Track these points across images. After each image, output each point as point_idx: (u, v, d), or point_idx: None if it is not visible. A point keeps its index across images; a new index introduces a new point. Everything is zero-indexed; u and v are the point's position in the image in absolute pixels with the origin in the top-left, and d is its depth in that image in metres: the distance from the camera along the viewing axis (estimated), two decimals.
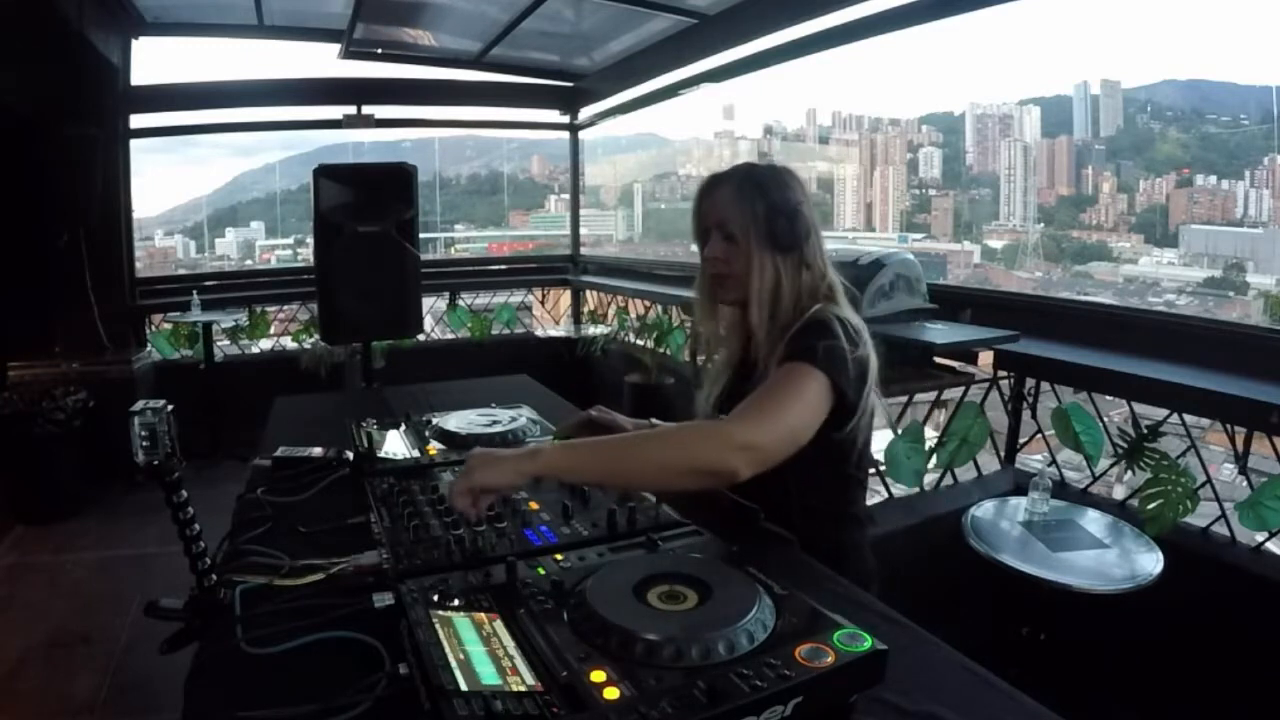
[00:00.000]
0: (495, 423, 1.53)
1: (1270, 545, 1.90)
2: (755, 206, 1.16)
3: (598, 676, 0.66)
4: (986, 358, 2.43)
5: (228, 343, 4.70)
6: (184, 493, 0.93)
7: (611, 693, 0.64)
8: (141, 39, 4.17)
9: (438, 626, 0.74)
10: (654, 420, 1.41)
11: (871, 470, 2.25)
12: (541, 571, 0.87)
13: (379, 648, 0.80)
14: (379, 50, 4.58)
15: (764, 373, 1.13)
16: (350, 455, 1.40)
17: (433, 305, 5.10)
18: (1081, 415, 2.29)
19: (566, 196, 5.84)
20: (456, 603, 0.79)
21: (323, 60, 4.52)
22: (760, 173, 1.20)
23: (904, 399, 2.40)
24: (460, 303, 5.24)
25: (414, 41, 4.56)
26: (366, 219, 2.92)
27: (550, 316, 5.73)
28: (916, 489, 2.35)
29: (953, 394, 2.45)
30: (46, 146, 3.78)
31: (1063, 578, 1.72)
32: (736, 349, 1.29)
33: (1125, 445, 2.14)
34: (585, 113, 5.34)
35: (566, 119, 5.41)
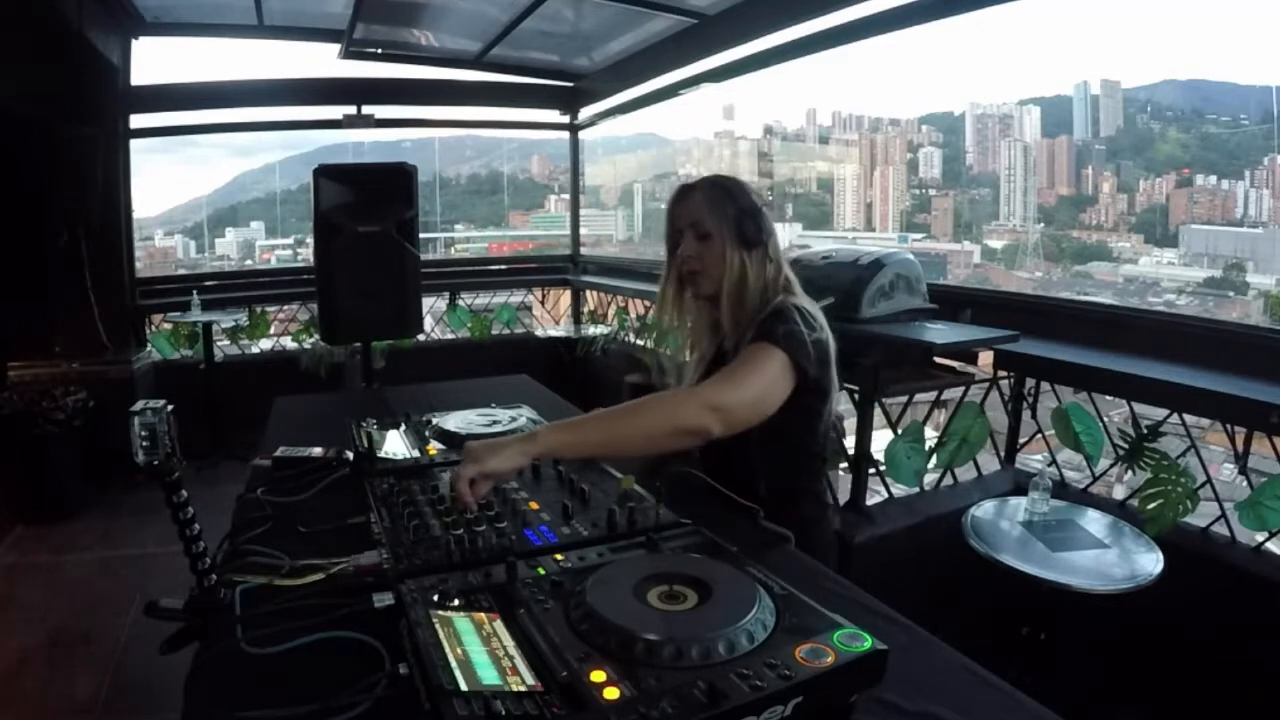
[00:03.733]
0: (495, 423, 1.53)
1: (1270, 545, 1.89)
2: (726, 209, 1.30)
3: (598, 676, 0.66)
4: (986, 358, 2.43)
5: (228, 343, 4.70)
6: (184, 493, 0.93)
7: (611, 693, 0.64)
8: (141, 39, 4.17)
9: (438, 626, 0.74)
10: None
11: (871, 470, 2.27)
12: (541, 571, 0.87)
13: (379, 648, 0.80)
14: (379, 50, 4.58)
15: (733, 355, 1.26)
16: (350, 455, 1.40)
17: (433, 305, 5.10)
18: (1081, 415, 2.29)
19: (566, 196, 5.84)
20: (456, 603, 0.79)
21: (323, 60, 4.53)
22: (727, 181, 1.36)
23: (904, 399, 2.40)
24: (460, 303, 5.24)
25: (414, 41, 4.56)
26: (366, 219, 2.92)
27: (550, 316, 5.73)
28: (916, 489, 2.35)
29: (953, 394, 2.45)
30: (46, 146, 3.78)
31: (1063, 578, 1.71)
32: (710, 343, 1.42)
33: (1125, 445, 2.14)
34: (585, 113, 5.33)
35: (566, 119, 5.41)
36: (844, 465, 2.30)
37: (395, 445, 1.41)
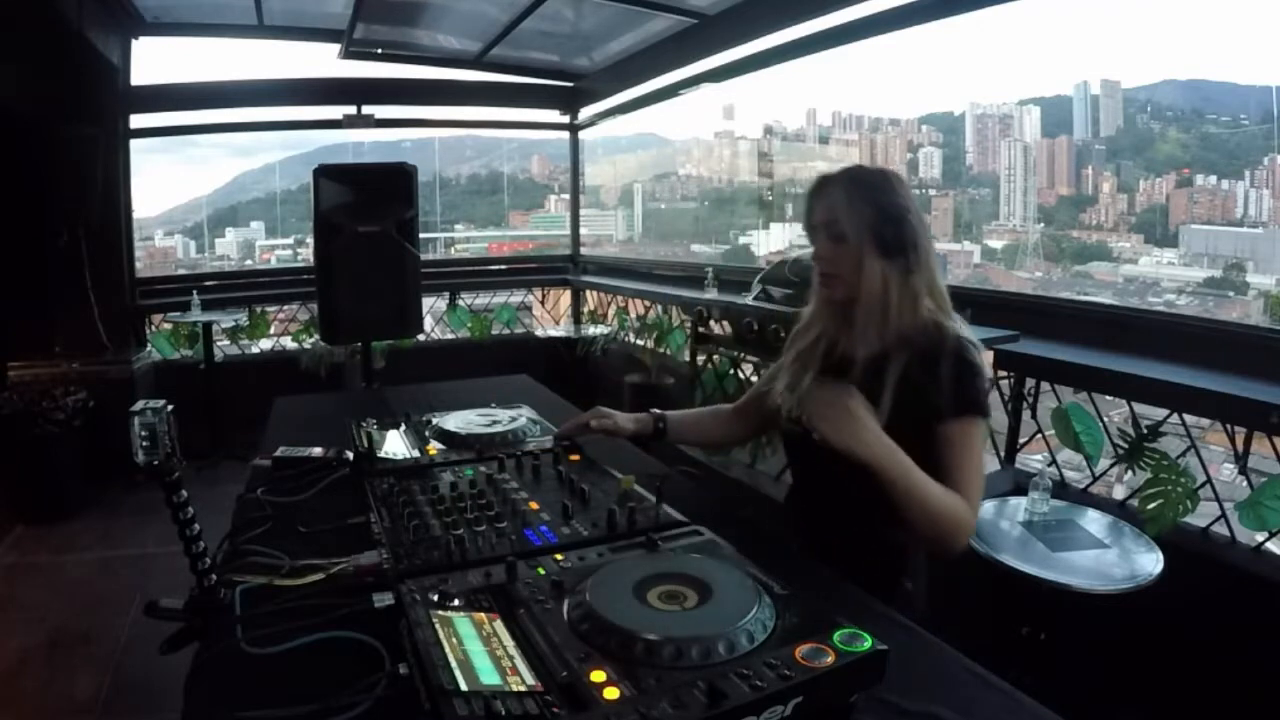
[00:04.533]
0: (495, 423, 1.53)
1: (1270, 545, 1.89)
2: (863, 209, 1.15)
3: (598, 676, 0.66)
4: (986, 358, 2.43)
5: (228, 343, 4.70)
6: (184, 493, 0.93)
7: (611, 693, 0.64)
8: (141, 39, 4.17)
9: (438, 626, 0.74)
10: (654, 410, 1.41)
11: None
12: (541, 571, 0.87)
13: (379, 648, 0.80)
14: (379, 50, 4.58)
15: (862, 379, 1.14)
16: (350, 455, 1.40)
17: (433, 305, 5.10)
18: (1081, 415, 2.29)
19: (566, 196, 5.84)
20: (456, 603, 0.79)
21: (323, 60, 4.53)
22: (868, 175, 1.20)
23: None
24: (460, 303, 5.24)
25: (414, 41, 4.56)
26: (366, 219, 2.92)
27: (550, 316, 5.73)
28: None
29: None
30: (46, 146, 3.78)
31: (1063, 578, 1.71)
32: (831, 337, 1.26)
33: (1125, 445, 2.14)
34: (585, 113, 5.34)
35: (566, 119, 5.41)
36: None
37: (395, 445, 1.41)
